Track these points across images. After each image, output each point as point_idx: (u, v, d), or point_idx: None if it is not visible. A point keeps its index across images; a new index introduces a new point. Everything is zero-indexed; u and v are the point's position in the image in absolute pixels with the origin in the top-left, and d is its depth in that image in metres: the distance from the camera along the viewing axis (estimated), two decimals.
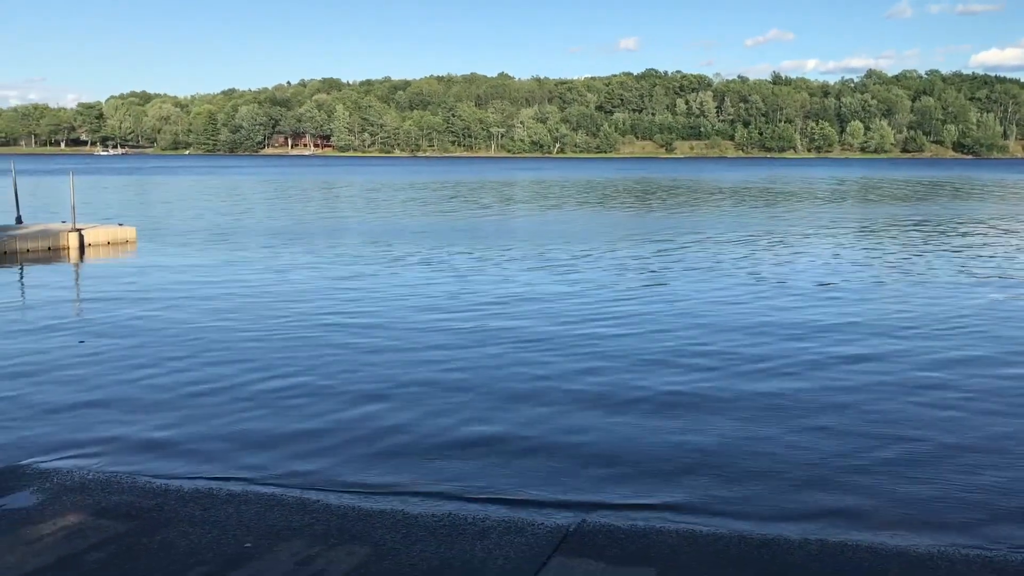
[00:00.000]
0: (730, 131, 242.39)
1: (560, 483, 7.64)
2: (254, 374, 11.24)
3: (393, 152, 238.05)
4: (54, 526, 6.32)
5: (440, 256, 23.60)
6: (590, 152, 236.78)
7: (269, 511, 6.71)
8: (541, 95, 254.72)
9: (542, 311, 15.59)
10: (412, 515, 6.73)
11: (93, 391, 10.48)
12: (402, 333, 13.73)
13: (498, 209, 44.07)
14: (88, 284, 19.69)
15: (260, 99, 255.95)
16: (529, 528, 6.50)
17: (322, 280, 19.31)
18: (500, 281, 19.07)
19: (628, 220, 37.63)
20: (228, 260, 22.92)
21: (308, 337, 13.41)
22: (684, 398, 10.23)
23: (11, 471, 7.64)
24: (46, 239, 24.82)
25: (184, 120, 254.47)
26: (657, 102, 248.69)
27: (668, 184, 74.63)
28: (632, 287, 18.34)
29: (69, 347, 12.80)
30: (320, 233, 30.40)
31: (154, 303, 16.45)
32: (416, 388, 10.60)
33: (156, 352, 12.44)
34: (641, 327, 14.22)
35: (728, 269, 21.24)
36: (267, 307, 16.02)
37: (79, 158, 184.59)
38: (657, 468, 8.02)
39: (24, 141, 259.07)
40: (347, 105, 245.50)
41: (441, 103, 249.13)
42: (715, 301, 16.67)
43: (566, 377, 11.12)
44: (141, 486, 7.28)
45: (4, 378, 11.04)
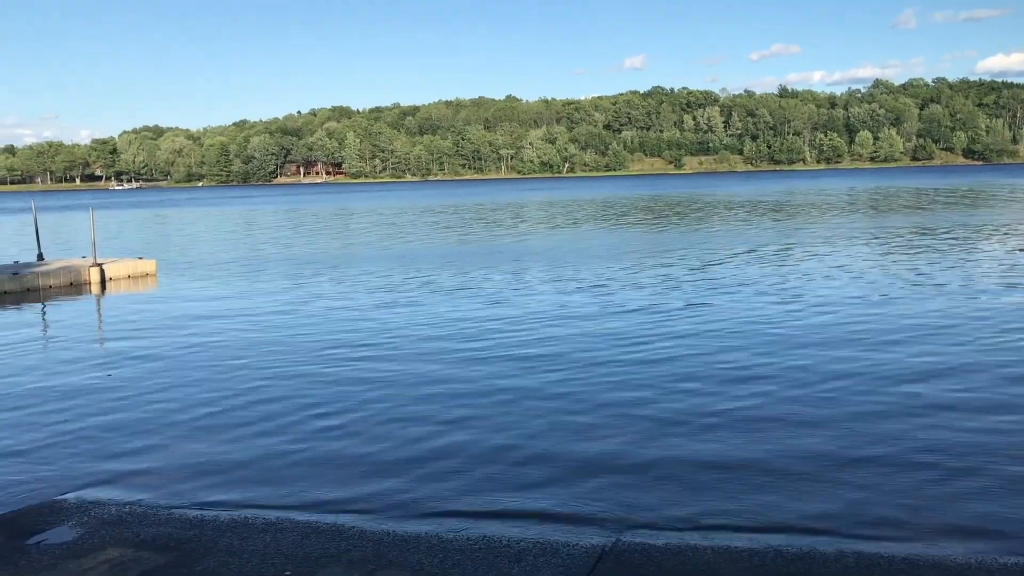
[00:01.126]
0: (738, 145, 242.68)
1: (596, 501, 7.67)
2: (282, 403, 11.33)
3: (404, 177, 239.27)
4: (95, 560, 6.40)
5: (473, 280, 23.60)
6: (599, 171, 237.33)
7: (306, 539, 6.77)
8: (549, 116, 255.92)
9: (578, 334, 15.64)
10: (448, 539, 6.78)
11: (123, 424, 10.58)
12: (438, 355, 13.81)
13: (524, 230, 44.19)
14: (111, 318, 19.88)
15: (271, 129, 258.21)
16: (564, 549, 6.53)
17: (350, 309, 19.40)
18: (537, 304, 19.11)
19: (652, 238, 37.65)
20: (250, 291, 23.09)
21: (337, 367, 13.50)
22: (729, 416, 10.24)
23: (49, 506, 7.74)
24: (68, 275, 25.08)
25: (197, 152, 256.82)
26: (665, 119, 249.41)
27: (685, 200, 74.63)
28: (670, 307, 18.28)
29: (97, 381, 12.93)
30: (345, 261, 30.53)
31: (178, 335, 16.60)
32: (449, 410, 10.66)
33: (183, 384, 12.56)
34: (684, 347, 14.24)
35: (760, 285, 20.97)
36: (293, 336, 16.13)
37: (95, 193, 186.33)
38: (690, 482, 8.04)
39: (40, 178, 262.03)
40: (357, 132, 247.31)
41: (450, 127, 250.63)
42: (750, 320, 16.62)
43: (601, 398, 11.16)
44: (178, 517, 7.36)
45: (36, 413, 11.16)
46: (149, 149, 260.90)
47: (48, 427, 10.52)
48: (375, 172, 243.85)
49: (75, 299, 22.82)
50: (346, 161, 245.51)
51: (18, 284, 23.87)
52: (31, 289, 23.97)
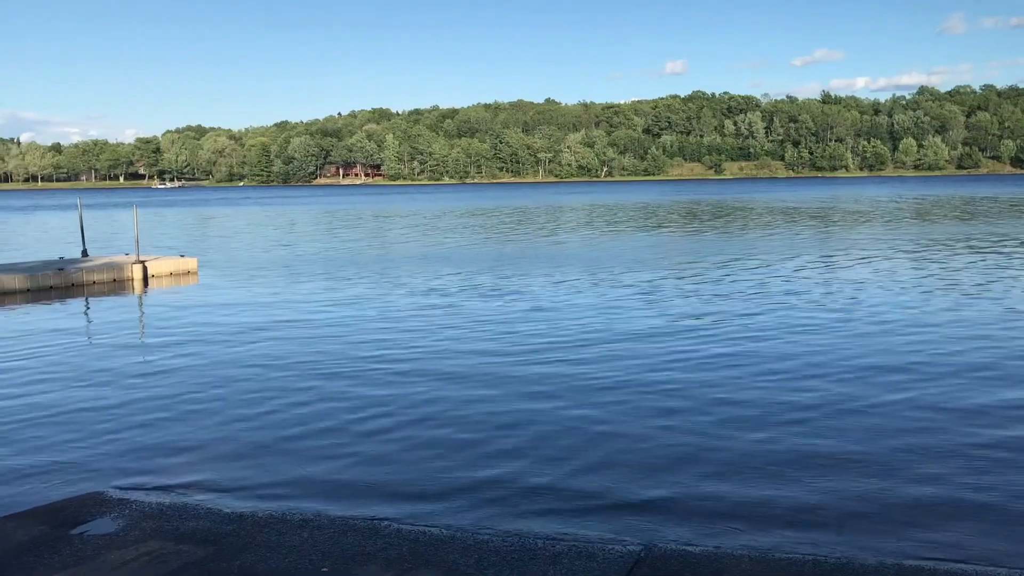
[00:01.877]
0: (780, 151, 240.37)
1: (632, 506, 7.65)
2: (321, 402, 11.42)
3: (442, 180, 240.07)
4: (136, 551, 6.49)
5: (518, 284, 23.60)
6: (638, 175, 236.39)
7: (342, 536, 6.81)
8: (588, 120, 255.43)
9: (623, 340, 15.61)
10: (482, 540, 6.78)
11: (163, 419, 10.74)
12: (479, 359, 13.85)
13: (567, 234, 44.16)
14: (153, 315, 20.18)
15: (312, 131, 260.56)
16: (600, 553, 6.50)
17: (392, 310, 19.51)
18: (586, 309, 19.09)
19: (698, 244, 37.44)
20: (291, 290, 23.32)
21: (377, 368, 13.58)
22: (772, 427, 10.16)
23: (92, 498, 7.86)
24: (111, 271, 25.50)
25: (238, 152, 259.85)
26: (705, 124, 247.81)
27: (728, 206, 74.09)
28: (719, 317, 18.19)
29: (138, 377, 13.12)
30: (386, 262, 30.70)
31: (219, 333, 16.80)
32: (488, 415, 10.68)
33: (223, 381, 12.71)
34: (729, 358, 14.16)
35: (811, 295, 20.53)
36: (333, 336, 16.26)
37: (138, 191, 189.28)
38: (728, 490, 7.98)
39: (85, 176, 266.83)
40: (397, 134, 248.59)
41: (489, 130, 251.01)
42: (797, 331, 16.48)
43: (640, 405, 11.12)
44: (216, 512, 7.44)
45: (79, 408, 11.36)
46: (192, 149, 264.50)
47: (90, 421, 10.70)
48: (413, 174, 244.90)
49: (118, 295, 23.19)
50: (385, 163, 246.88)
51: (63, 280, 24.31)
52: (75, 285, 24.39)
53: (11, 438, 10.03)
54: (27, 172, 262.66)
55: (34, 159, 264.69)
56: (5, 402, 11.68)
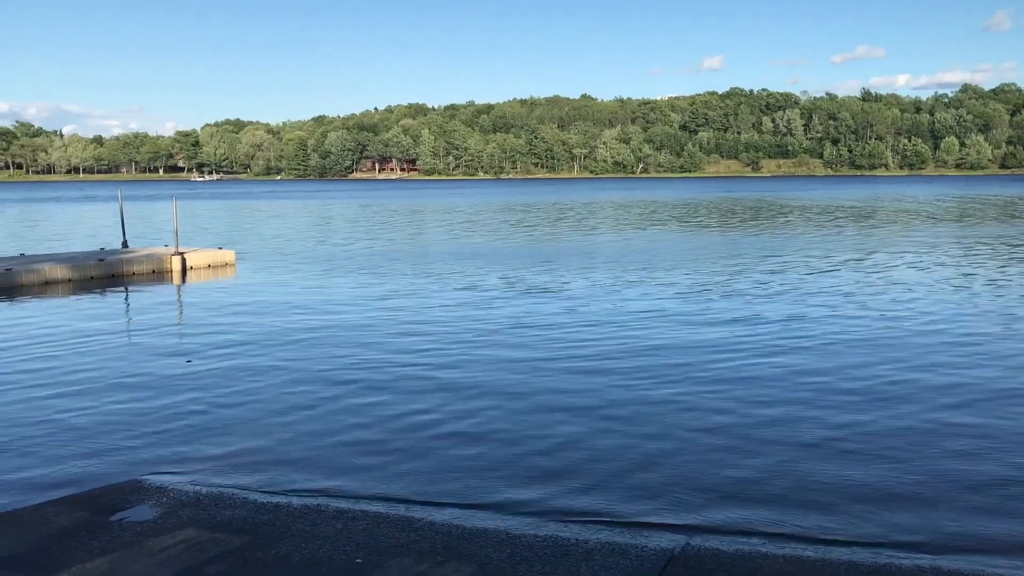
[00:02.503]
0: (818, 149, 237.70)
1: (662, 505, 7.61)
2: (357, 393, 11.49)
3: (477, 175, 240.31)
4: (174, 539, 6.58)
5: (561, 280, 23.54)
6: (674, 172, 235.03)
7: (376, 528, 6.85)
8: (624, 115, 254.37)
9: (668, 341, 15.55)
10: (515, 534, 6.79)
11: (201, 409, 10.86)
12: (518, 353, 13.87)
13: (607, 230, 44.06)
14: (192, 306, 20.42)
15: (348, 125, 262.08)
16: (633, 550, 6.48)
17: (430, 304, 19.58)
18: (630, 306, 19.04)
19: (739, 242, 37.19)
20: (327, 283, 23.48)
21: (413, 360, 13.62)
22: (807, 430, 10.07)
23: (130, 485, 7.97)
24: (151, 262, 25.83)
25: (276, 146, 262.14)
26: (743, 120, 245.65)
27: (776, 204, 73.40)
28: (761, 317, 18.02)
29: (176, 367, 13.29)
30: (424, 256, 30.79)
31: (257, 324, 16.96)
32: (523, 408, 10.69)
33: (260, 372, 12.83)
34: (773, 360, 14.06)
35: (857, 296, 20.20)
36: (370, 329, 16.35)
37: (177, 184, 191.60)
38: (762, 492, 7.92)
39: (125, 168, 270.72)
40: (432, 129, 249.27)
41: (524, 125, 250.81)
42: (840, 333, 16.32)
43: (685, 405, 11.08)
44: (252, 501, 7.51)
45: (118, 395, 11.53)
46: (230, 142, 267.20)
47: (129, 410, 10.85)
48: (448, 169, 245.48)
49: (157, 286, 23.50)
50: (420, 158, 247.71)
51: (104, 270, 24.67)
52: (116, 275, 24.75)
53: (52, 425, 10.20)
54: (69, 164, 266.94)
55: (76, 151, 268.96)
56: (46, 390, 11.88)
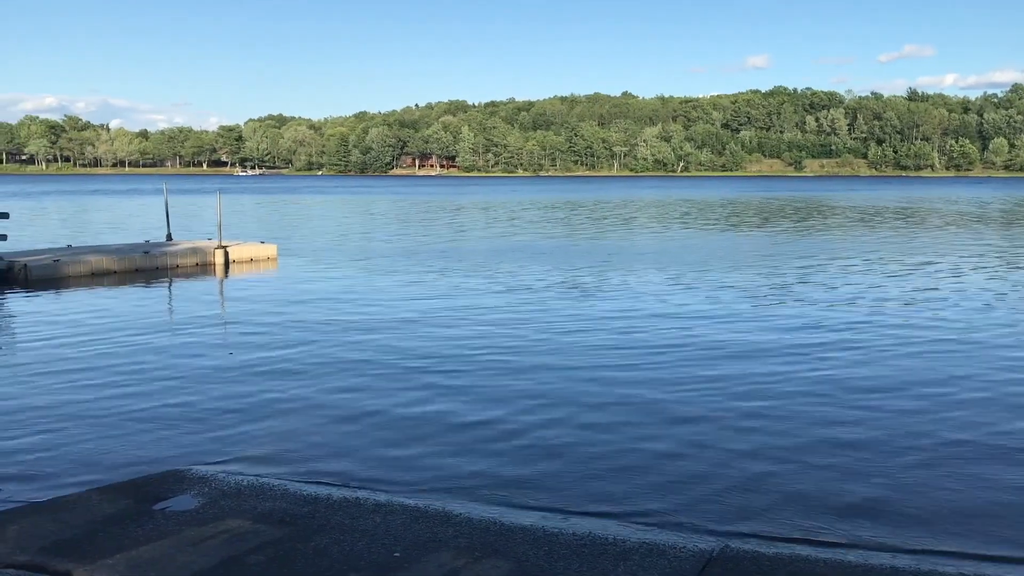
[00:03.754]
0: (862, 149, 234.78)
1: (701, 508, 7.56)
2: (397, 388, 11.55)
3: (516, 172, 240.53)
4: (215, 529, 6.66)
5: (611, 279, 23.49)
6: (715, 171, 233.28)
7: (415, 522, 6.88)
8: (665, 113, 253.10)
9: (720, 339, 15.46)
10: (553, 532, 6.78)
11: (242, 400, 10.98)
12: (562, 351, 13.87)
13: (656, 228, 43.90)
14: (234, 299, 20.67)
15: (389, 121, 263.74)
16: (671, 551, 6.44)
17: (475, 299, 19.60)
18: (688, 309, 18.96)
19: (805, 243, 36.84)
20: (369, 278, 23.62)
21: (457, 355, 13.62)
22: (854, 434, 9.96)
23: (173, 475, 8.08)
24: (195, 255, 26.18)
25: (318, 142, 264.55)
26: (786, 120, 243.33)
27: (825, 204, 72.62)
28: (823, 323, 17.85)
29: (218, 359, 13.45)
30: (474, 253, 30.79)
31: (298, 317, 17.11)
32: (568, 407, 10.68)
33: (301, 366, 12.94)
34: (824, 363, 13.92)
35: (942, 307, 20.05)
36: (411, 323, 16.42)
37: (220, 178, 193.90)
38: (801, 496, 7.83)
39: (170, 162, 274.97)
40: (472, 127, 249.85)
41: (564, 123, 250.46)
42: (890, 337, 16.09)
43: (719, 408, 11.00)
44: (292, 493, 7.58)
45: (160, 386, 11.70)
46: (272, 137, 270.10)
47: (171, 402, 10.99)
48: (487, 166, 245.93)
49: (201, 279, 23.81)
50: (460, 155, 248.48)
51: (149, 263, 25.05)
52: (160, 268, 25.11)
53: (95, 415, 10.38)
54: (115, 157, 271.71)
55: (122, 145, 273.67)
56: (88, 380, 12.09)
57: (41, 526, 6.68)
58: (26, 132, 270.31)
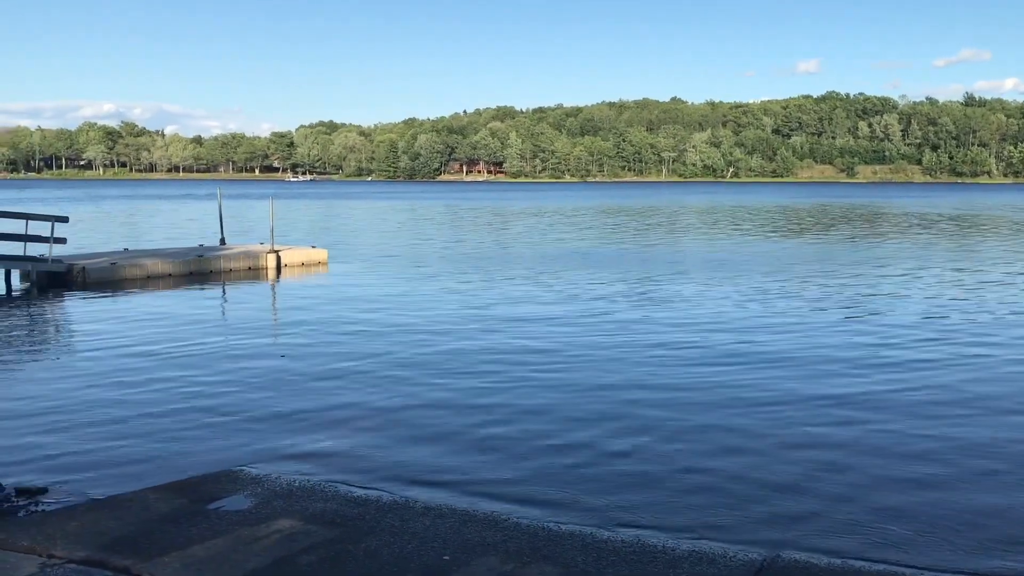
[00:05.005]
0: (917, 155, 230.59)
1: (752, 517, 7.50)
2: (447, 392, 11.61)
3: (563, 178, 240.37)
4: (268, 529, 6.75)
5: (666, 287, 23.44)
6: (765, 176, 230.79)
7: (463, 526, 6.91)
8: (715, 119, 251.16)
9: (783, 353, 15.33)
10: (601, 539, 6.76)
11: (293, 403, 11.12)
12: (617, 360, 13.85)
13: (714, 235, 43.63)
14: (286, 302, 20.95)
15: (438, 127, 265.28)
16: (721, 560, 6.39)
17: (528, 307, 19.56)
18: (757, 320, 18.82)
19: (869, 251, 36.37)
20: (420, 283, 23.74)
21: (510, 363, 13.57)
22: (916, 449, 9.80)
23: (226, 475, 8.21)
24: (247, 259, 26.58)
25: (367, 148, 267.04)
26: (838, 125, 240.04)
27: (888, 211, 71.46)
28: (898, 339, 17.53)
29: (271, 361, 13.64)
30: (524, 259, 30.79)
31: (350, 322, 17.28)
32: (622, 416, 10.67)
33: (351, 368, 13.07)
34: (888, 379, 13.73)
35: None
36: (462, 328, 16.48)
37: (271, 184, 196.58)
38: (857, 511, 7.72)
39: (223, 167, 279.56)
40: (520, 132, 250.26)
41: (612, 128, 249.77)
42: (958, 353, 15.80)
43: (773, 419, 10.90)
44: (343, 495, 7.66)
45: (213, 388, 11.90)
46: (323, 143, 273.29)
47: (224, 403, 11.16)
48: (535, 172, 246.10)
49: (253, 283, 24.17)
50: (507, 160, 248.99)
51: (202, 266, 25.49)
52: (213, 271, 25.54)
53: (151, 413, 10.60)
54: (170, 163, 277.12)
55: (177, 150, 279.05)
56: (143, 381, 12.33)
57: (100, 523, 6.83)
58: (85, 138, 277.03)
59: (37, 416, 10.49)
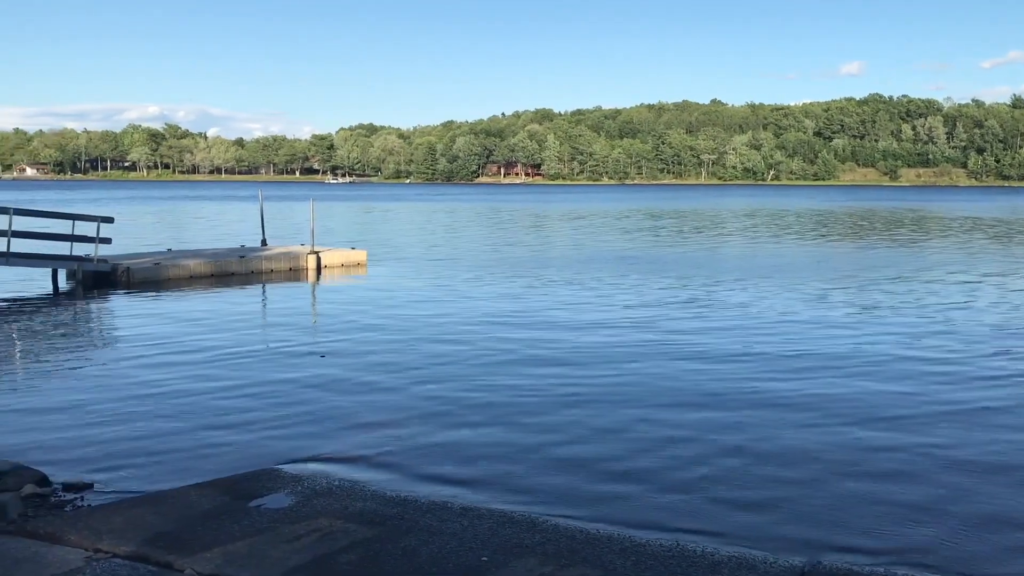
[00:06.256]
0: (962, 158, 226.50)
1: (793, 523, 7.42)
2: (486, 393, 11.63)
3: (601, 180, 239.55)
4: (308, 527, 6.80)
5: (720, 292, 23.38)
6: (807, 179, 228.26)
7: (501, 527, 6.91)
8: (755, 121, 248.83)
9: (836, 359, 15.19)
10: (640, 543, 6.72)
11: (331, 402, 11.21)
12: (658, 364, 13.79)
13: (767, 239, 43.32)
14: (326, 303, 21.12)
15: (476, 130, 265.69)
16: (762, 565, 6.32)
17: (568, 309, 19.53)
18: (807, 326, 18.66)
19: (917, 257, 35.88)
20: (459, 285, 23.78)
21: (553, 365, 13.53)
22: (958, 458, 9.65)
23: (267, 473, 8.30)
24: (288, 260, 26.84)
25: (406, 151, 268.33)
26: (881, 128, 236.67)
27: (944, 216, 70.37)
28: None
29: (310, 362, 13.74)
30: (572, 263, 30.71)
31: (388, 322, 17.37)
32: (653, 423, 10.62)
33: (390, 368, 13.14)
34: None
35: None
36: (503, 330, 16.47)
37: (311, 186, 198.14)
38: (897, 518, 7.61)
39: (264, 169, 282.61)
40: (558, 135, 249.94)
41: (651, 131, 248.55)
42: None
43: (817, 424, 10.78)
44: (381, 495, 7.69)
45: (253, 388, 12.01)
46: (363, 146, 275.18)
47: (264, 403, 11.26)
48: (572, 174, 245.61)
49: (293, 284, 24.40)
50: (545, 163, 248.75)
51: (244, 267, 25.78)
52: (255, 272, 25.82)
53: (193, 411, 10.73)
54: (212, 164, 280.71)
55: (219, 152, 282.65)
56: (185, 380, 12.49)
57: (144, 518, 6.93)
58: (129, 140, 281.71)
59: (82, 413, 10.67)
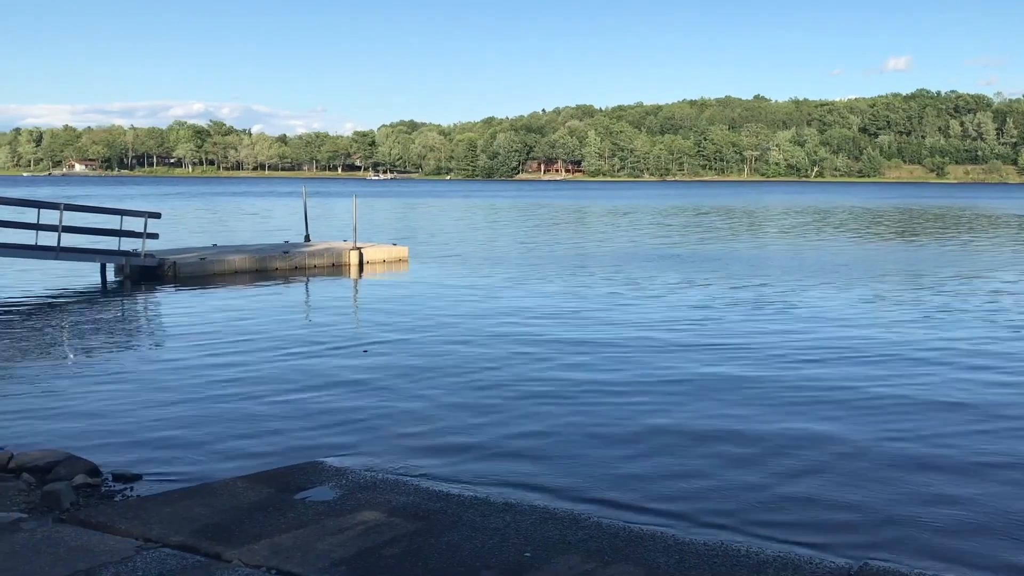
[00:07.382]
0: (1012, 155, 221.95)
1: (840, 524, 7.34)
2: (526, 389, 11.64)
3: (642, 176, 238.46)
4: (352, 520, 6.86)
5: (775, 292, 23.18)
6: (851, 176, 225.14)
7: (544, 523, 6.91)
8: (799, 117, 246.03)
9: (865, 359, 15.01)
10: (684, 541, 6.68)
11: (376, 395, 11.30)
12: (697, 363, 13.73)
13: (822, 238, 42.91)
14: (368, 298, 21.26)
15: (516, 127, 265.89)
16: (808, 566, 6.25)
17: (608, 308, 19.44)
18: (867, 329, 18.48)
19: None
20: (501, 282, 23.81)
21: (597, 362, 13.49)
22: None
23: (312, 466, 8.38)
24: (331, 256, 27.07)
25: (447, 147, 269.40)
26: (928, 124, 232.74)
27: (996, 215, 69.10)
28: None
29: (353, 356, 13.85)
30: (617, 260, 30.61)
31: (430, 317, 17.45)
32: (697, 419, 10.56)
33: (433, 364, 13.20)
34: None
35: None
36: (542, 328, 16.47)
37: (353, 182, 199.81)
38: (942, 521, 7.49)
39: (307, 166, 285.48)
40: (599, 131, 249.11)
41: (693, 127, 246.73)
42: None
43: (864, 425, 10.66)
44: (425, 489, 7.73)
45: (298, 382, 12.14)
46: (404, 143, 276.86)
47: (308, 396, 11.38)
48: (613, 171, 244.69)
49: (336, 279, 24.60)
50: (585, 159, 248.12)
51: (287, 262, 26.05)
52: (298, 267, 26.08)
53: (239, 405, 10.88)
54: (256, 161, 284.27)
55: (263, 149, 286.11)
56: (230, 374, 12.65)
57: (192, 510, 7.04)
58: (175, 136, 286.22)
59: (130, 405, 10.87)
